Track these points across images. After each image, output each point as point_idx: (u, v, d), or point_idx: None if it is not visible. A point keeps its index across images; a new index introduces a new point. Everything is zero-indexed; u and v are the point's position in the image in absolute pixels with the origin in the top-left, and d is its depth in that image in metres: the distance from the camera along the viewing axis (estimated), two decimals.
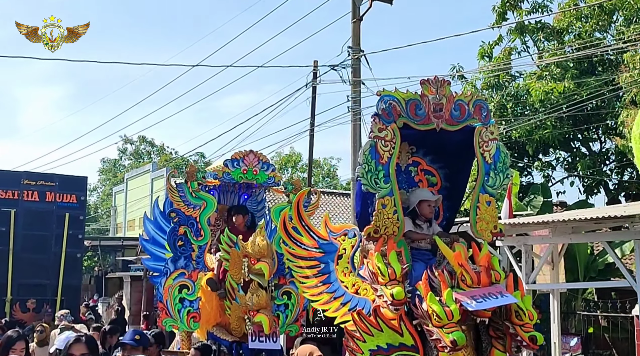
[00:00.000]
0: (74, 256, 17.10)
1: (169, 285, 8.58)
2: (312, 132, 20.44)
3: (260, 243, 8.18)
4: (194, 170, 8.88)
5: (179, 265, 8.66)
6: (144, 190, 37.21)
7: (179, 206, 8.72)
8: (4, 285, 16.12)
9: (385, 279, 5.66)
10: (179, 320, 8.56)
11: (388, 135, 5.88)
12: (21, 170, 19.05)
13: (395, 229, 5.88)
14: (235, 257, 8.31)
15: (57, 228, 16.82)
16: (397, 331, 5.64)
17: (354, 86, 18.37)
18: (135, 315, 22.46)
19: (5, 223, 16.32)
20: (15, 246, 16.37)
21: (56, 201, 16.96)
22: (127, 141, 54.60)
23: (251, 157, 9.01)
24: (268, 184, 9.26)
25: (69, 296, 16.78)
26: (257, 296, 8.12)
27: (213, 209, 8.86)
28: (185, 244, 8.71)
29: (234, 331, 8.47)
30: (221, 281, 8.53)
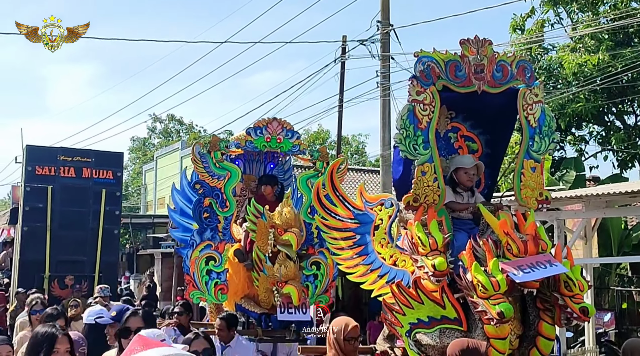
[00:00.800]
0: (111, 232, 16.86)
1: (196, 257, 8.34)
2: (340, 108, 20.07)
3: (288, 213, 7.86)
4: (217, 140, 8.60)
5: (205, 236, 8.41)
6: (173, 168, 37.18)
7: (203, 177, 8.46)
8: (42, 261, 15.98)
9: (426, 249, 5.28)
10: (207, 292, 8.33)
11: (427, 98, 5.47)
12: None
13: (436, 197, 5.48)
14: (262, 227, 7.99)
15: (94, 205, 16.60)
16: (439, 303, 5.26)
17: (383, 61, 18.05)
18: (166, 291, 22.49)
19: (43, 199, 16.14)
20: (53, 223, 16.16)
21: (92, 177, 16.72)
22: (156, 119, 54.90)
23: (274, 125, 8.64)
24: (292, 152, 8.90)
25: (107, 273, 16.60)
26: (285, 267, 7.82)
27: (238, 179, 8.56)
28: (210, 216, 8.45)
29: (262, 303, 8.17)
30: (248, 252, 8.23)
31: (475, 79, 5.48)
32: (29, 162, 16.34)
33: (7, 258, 18.73)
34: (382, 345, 6.00)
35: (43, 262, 15.93)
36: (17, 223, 16.85)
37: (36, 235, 16.01)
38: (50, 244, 16.05)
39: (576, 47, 19.70)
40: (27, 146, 16.77)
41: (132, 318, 4.63)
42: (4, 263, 18.97)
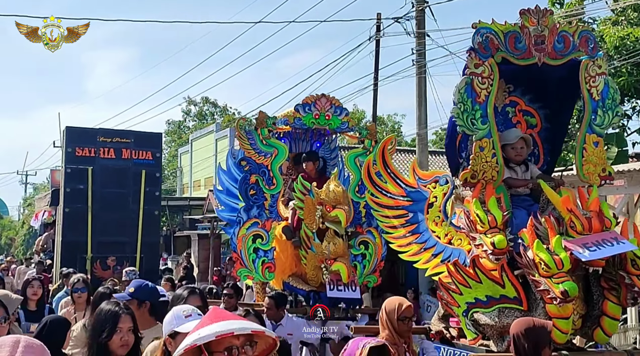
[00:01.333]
0: (151, 213, 16.95)
1: (243, 235, 8.22)
2: (375, 87, 19.93)
3: (336, 189, 7.77)
4: (264, 116, 8.43)
5: (251, 214, 8.29)
6: (208, 151, 37.68)
7: (249, 154, 8.33)
8: (84, 243, 16.14)
9: (485, 227, 5.16)
10: (254, 270, 8.23)
11: (485, 71, 5.32)
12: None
13: (495, 173, 5.34)
14: (309, 204, 7.90)
15: (134, 186, 16.68)
16: (498, 282, 5.14)
17: (419, 38, 18.01)
18: (203, 272, 22.79)
19: (83, 181, 16.28)
20: (94, 204, 16.30)
21: (132, 158, 16.78)
22: (191, 102, 55.22)
23: (323, 101, 8.48)
24: (341, 129, 8.72)
25: (148, 254, 16.73)
26: (333, 244, 7.74)
27: (284, 157, 8.45)
28: (257, 193, 8.33)
29: (310, 280, 8.10)
30: (295, 230, 8.15)
31: (535, 51, 5.32)
32: (69, 144, 16.46)
33: (49, 239, 18.99)
34: (437, 324, 5.91)
35: (85, 243, 16.09)
36: (59, 205, 17.01)
37: (77, 216, 16.16)
38: (92, 225, 16.17)
39: (618, 20, 19.22)
40: (67, 128, 16.91)
41: (192, 296, 4.66)
42: (46, 244, 19.24)
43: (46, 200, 20.54)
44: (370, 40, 20.00)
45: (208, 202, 25.62)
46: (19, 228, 49.09)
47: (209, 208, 25.05)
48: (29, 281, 8.49)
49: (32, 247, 42.38)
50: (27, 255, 31.00)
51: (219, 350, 2.52)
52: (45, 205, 20.48)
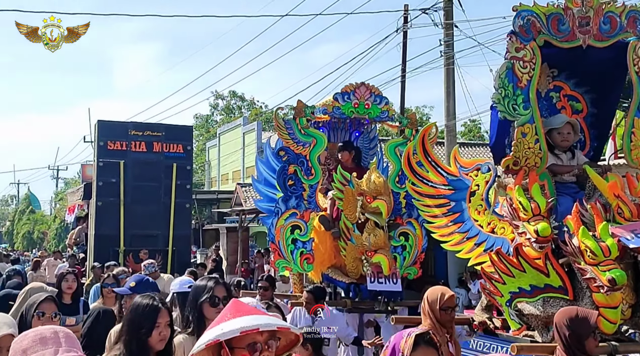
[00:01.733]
0: (183, 206, 17.03)
1: (281, 225, 8.21)
2: (403, 79, 19.85)
3: (377, 180, 7.70)
4: (302, 106, 8.40)
5: (290, 204, 8.28)
6: (235, 144, 37.75)
7: (287, 144, 8.32)
8: (116, 236, 16.27)
9: (528, 215, 5.10)
10: (292, 262, 8.22)
11: (527, 55, 5.25)
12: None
13: (538, 160, 5.28)
14: (349, 195, 7.87)
15: (166, 179, 16.76)
16: (542, 271, 5.07)
17: (447, 29, 17.94)
18: (232, 265, 22.97)
19: (115, 174, 16.40)
20: (126, 197, 16.42)
21: (163, 151, 16.85)
22: (218, 96, 55.57)
23: (363, 90, 8.41)
24: (381, 118, 8.65)
25: (180, 246, 16.81)
26: (374, 235, 7.68)
27: (323, 147, 8.41)
28: (295, 183, 8.32)
29: (350, 272, 8.07)
30: (335, 221, 8.12)
31: (580, 33, 5.24)
32: (101, 138, 16.60)
33: (82, 233, 19.14)
34: (481, 315, 5.85)
35: (117, 237, 16.23)
36: (91, 198, 17.14)
37: (110, 209, 16.30)
38: (124, 219, 16.29)
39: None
40: (99, 121, 17.03)
41: (218, 287, 4.56)
42: (79, 238, 19.39)
43: (78, 194, 20.73)
44: (398, 31, 19.94)
45: (236, 195, 25.90)
46: (51, 222, 49.81)
47: (237, 201, 25.51)
48: (63, 275, 8.51)
49: (65, 241, 42.89)
50: (58, 248, 31.40)
51: (242, 346, 2.42)
52: (78, 199, 20.67)
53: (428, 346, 3.29)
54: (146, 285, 5.61)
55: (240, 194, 25.31)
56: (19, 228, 57.48)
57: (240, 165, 37.79)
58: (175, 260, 16.46)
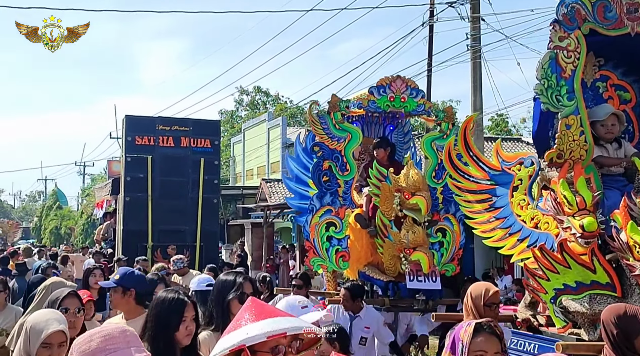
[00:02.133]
0: (210, 201, 17.08)
1: (316, 223, 8.14)
2: (429, 73, 19.79)
3: (415, 175, 7.60)
4: (337, 100, 8.30)
5: (325, 201, 8.19)
6: (260, 140, 38.16)
7: (322, 139, 8.22)
8: (144, 231, 16.34)
9: (573, 209, 4.97)
10: (327, 259, 8.14)
11: (571, 44, 5.11)
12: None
13: (583, 152, 5.15)
14: (386, 191, 7.79)
15: (193, 174, 16.84)
16: (589, 267, 4.95)
17: (473, 23, 18.00)
18: (256, 260, 23.07)
19: (143, 169, 16.48)
20: (154, 192, 16.51)
21: (191, 146, 16.94)
22: (243, 92, 55.81)
23: (399, 83, 8.29)
24: (417, 112, 8.51)
25: (208, 242, 16.87)
26: (412, 232, 7.58)
27: (358, 142, 8.33)
28: (330, 179, 8.23)
29: (387, 270, 7.98)
30: (371, 218, 8.03)
31: (628, 20, 5.11)
32: (128, 133, 16.67)
33: (110, 228, 19.25)
34: (524, 312, 5.74)
35: (145, 232, 16.31)
36: (119, 193, 17.19)
37: (138, 205, 16.41)
38: (152, 214, 16.34)
39: None
40: (127, 116, 17.11)
41: (247, 283, 4.56)
42: (107, 233, 19.48)
43: (106, 190, 20.79)
44: (424, 25, 20.03)
45: (261, 191, 26.21)
46: (78, 218, 50.29)
47: (262, 197, 25.82)
48: (90, 270, 8.54)
49: (91, 236, 43.17)
50: (85, 244, 31.60)
51: (264, 349, 2.30)
52: (106, 194, 20.73)
53: (490, 335, 3.16)
54: (133, 278, 5.49)
55: (265, 189, 25.58)
56: (47, 223, 58.23)
57: (265, 161, 38.16)
58: (203, 256, 16.43)
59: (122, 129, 17.37)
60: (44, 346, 3.65)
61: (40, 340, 3.63)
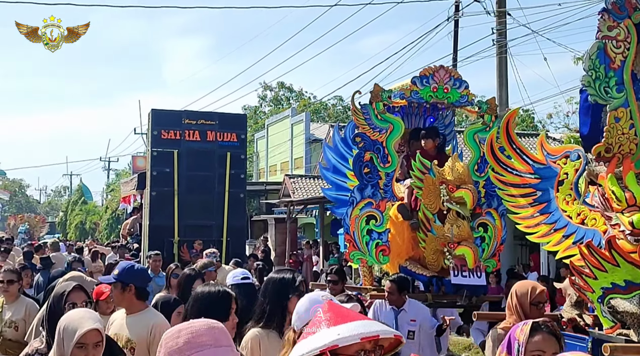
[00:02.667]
0: (237, 196, 16.95)
1: (356, 215, 8.06)
2: (454, 67, 19.62)
3: (460, 168, 7.53)
4: (379, 90, 8.22)
5: (365, 194, 8.10)
6: (284, 136, 38.41)
7: (364, 130, 8.13)
8: (170, 226, 16.28)
9: (622, 205, 4.86)
10: (367, 253, 8.06)
11: (621, 33, 4.99)
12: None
13: (633, 146, 5.05)
14: (430, 184, 7.74)
15: (220, 168, 16.71)
16: (638, 266, 4.77)
17: (499, 17, 18.07)
18: (280, 256, 23.10)
19: (169, 164, 16.40)
20: (180, 187, 16.41)
21: (217, 140, 16.78)
22: (267, 88, 56.07)
23: (442, 73, 8.21)
24: (460, 103, 8.42)
25: (234, 237, 16.74)
26: (457, 226, 7.51)
27: (400, 133, 8.26)
28: (371, 171, 8.14)
29: (429, 265, 7.92)
30: (413, 210, 7.93)
31: None
32: (154, 127, 16.61)
33: (136, 223, 19.27)
34: (570, 311, 5.61)
35: (172, 227, 16.25)
36: (145, 188, 17.15)
37: (164, 199, 16.36)
38: (178, 209, 16.24)
39: None
40: (153, 110, 17.05)
41: (302, 280, 4.51)
42: (133, 228, 19.48)
43: (132, 184, 20.82)
44: (449, 20, 20.10)
45: (284, 187, 26.28)
46: (103, 213, 50.92)
47: (285, 192, 25.76)
48: (113, 266, 8.47)
49: (116, 231, 43.45)
50: (110, 240, 31.78)
51: (349, 353, 2.24)
52: (132, 189, 20.76)
53: (548, 334, 3.04)
54: (132, 273, 5.37)
55: (288, 185, 25.67)
56: (72, 218, 59.08)
57: (289, 156, 38.33)
58: (230, 251, 16.34)
59: (148, 123, 17.26)
60: (79, 347, 3.59)
61: (75, 340, 3.57)
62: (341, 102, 50.99)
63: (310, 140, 36.97)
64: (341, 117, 49.30)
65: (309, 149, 36.78)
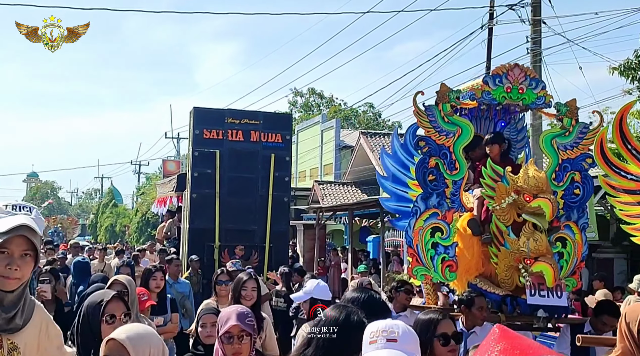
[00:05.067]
0: (281, 200, 16.49)
1: (420, 227, 7.48)
2: None
3: (537, 175, 6.91)
4: (446, 89, 7.64)
5: (430, 203, 7.51)
6: (314, 142, 39.04)
7: (429, 133, 7.55)
8: (211, 230, 15.88)
9: None
10: (432, 269, 7.46)
11: None
12: None
13: None
14: (502, 193, 7.11)
15: (263, 170, 16.28)
16: None
17: (534, 26, 18.11)
18: (308, 262, 23.12)
19: (211, 165, 16.01)
20: (222, 189, 16.00)
21: (261, 141, 16.34)
22: (297, 94, 57.10)
23: (516, 72, 7.62)
24: (537, 105, 7.81)
25: (278, 243, 16.26)
26: (534, 240, 6.88)
27: (469, 137, 7.67)
28: (437, 178, 7.56)
29: (502, 283, 7.31)
30: (483, 223, 7.31)
31: None
32: (196, 125, 16.23)
33: (173, 226, 18.78)
34: None
35: (212, 231, 15.88)
36: (185, 190, 16.71)
37: (205, 202, 15.99)
38: (219, 212, 15.84)
39: None
40: (195, 108, 16.66)
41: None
42: (170, 232, 19.01)
43: (170, 186, 20.38)
44: (483, 28, 20.24)
45: (313, 193, 26.99)
46: (133, 216, 51.65)
47: (314, 198, 26.63)
48: (151, 272, 8.08)
49: (145, 234, 43.45)
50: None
51: None
52: (170, 190, 20.31)
53: None
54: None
55: (317, 191, 26.42)
56: (102, 221, 60.01)
57: (318, 163, 38.80)
58: (273, 258, 15.89)
59: (189, 122, 16.81)
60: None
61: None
62: (372, 109, 51.20)
63: (340, 146, 37.28)
64: (371, 124, 49.23)
65: (339, 156, 37.04)
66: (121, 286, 6.01)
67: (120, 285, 6.01)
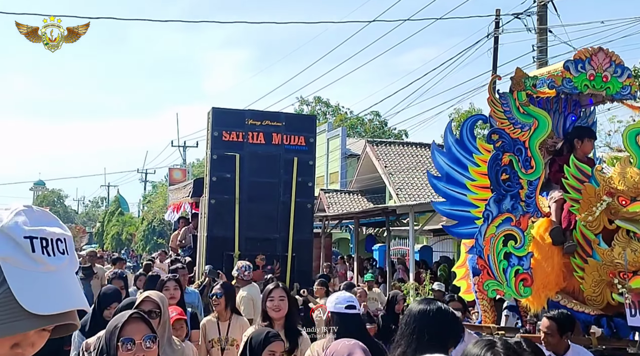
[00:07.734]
0: (304, 207, 15.57)
1: (492, 234, 6.57)
2: (493, 85, 18.67)
3: (636, 175, 5.90)
4: (522, 75, 6.72)
5: (504, 207, 6.63)
6: (319, 150, 39.86)
7: (502, 125, 6.68)
8: (231, 239, 15.04)
9: None
10: (505, 283, 6.49)
11: None
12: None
13: None
14: (591, 195, 6.22)
15: (285, 175, 15.43)
16: None
17: (540, 34, 18.22)
18: (314, 270, 22.27)
19: (230, 169, 15.14)
20: (242, 194, 15.11)
21: (283, 143, 15.47)
22: (303, 102, 57.40)
23: (600, 57, 6.76)
24: (621, 96, 6.95)
25: (301, 252, 15.31)
26: (632, 251, 5.97)
27: (546, 131, 6.79)
28: (510, 178, 6.70)
29: (590, 300, 6.38)
30: (566, 230, 6.36)
31: None
32: (215, 127, 15.37)
33: (188, 234, 17.90)
34: None
35: (232, 239, 15.04)
36: (202, 195, 15.79)
37: (224, 208, 15.14)
38: (239, 219, 14.94)
39: None
40: (213, 108, 15.81)
41: None
42: (184, 240, 18.11)
43: (186, 191, 19.51)
44: (489, 37, 20.31)
45: (319, 201, 26.63)
46: (139, 224, 51.81)
47: (320, 207, 26.24)
48: (164, 282, 7.32)
49: (151, 242, 42.87)
50: (146, 251, 30.87)
51: None
52: (185, 196, 19.44)
53: None
54: None
55: (323, 200, 26.61)
56: (109, 229, 60.31)
57: (324, 171, 38.54)
58: (295, 268, 14.96)
59: (207, 123, 15.92)
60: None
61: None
62: (378, 118, 51.07)
63: (346, 155, 37.43)
64: (377, 133, 48.74)
65: (345, 164, 37.11)
66: (152, 304, 5.14)
67: (152, 303, 5.15)
